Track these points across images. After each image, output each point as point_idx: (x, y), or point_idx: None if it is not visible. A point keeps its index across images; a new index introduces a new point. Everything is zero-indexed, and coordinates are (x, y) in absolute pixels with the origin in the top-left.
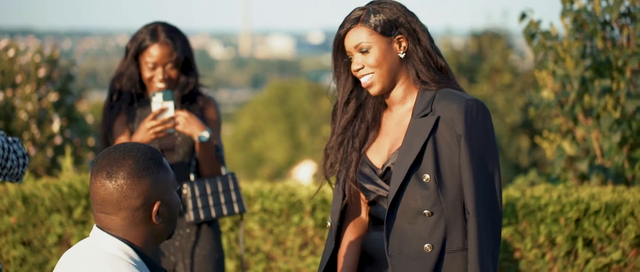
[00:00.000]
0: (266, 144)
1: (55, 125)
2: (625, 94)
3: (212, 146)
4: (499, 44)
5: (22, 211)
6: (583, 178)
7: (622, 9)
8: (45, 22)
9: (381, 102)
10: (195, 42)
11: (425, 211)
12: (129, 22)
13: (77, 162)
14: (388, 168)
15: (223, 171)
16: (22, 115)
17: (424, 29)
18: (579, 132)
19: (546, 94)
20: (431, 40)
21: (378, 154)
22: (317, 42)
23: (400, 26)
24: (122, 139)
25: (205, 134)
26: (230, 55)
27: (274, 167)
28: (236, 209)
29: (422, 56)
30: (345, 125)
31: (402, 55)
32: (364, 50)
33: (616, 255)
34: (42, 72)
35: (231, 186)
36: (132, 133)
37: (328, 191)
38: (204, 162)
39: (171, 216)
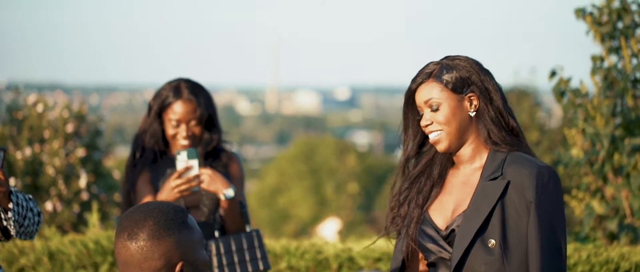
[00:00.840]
0: (291, 200)
1: (82, 181)
2: None
3: (237, 202)
4: (526, 101)
5: (48, 267)
6: (612, 237)
7: None
8: (73, 77)
9: (449, 159)
10: (221, 98)
11: None
12: (156, 78)
13: (104, 218)
14: (453, 230)
15: (247, 228)
16: (50, 171)
17: (498, 89)
18: (608, 191)
19: (575, 152)
20: (504, 100)
21: (441, 213)
22: (343, 98)
23: (472, 84)
24: (146, 197)
25: (230, 192)
26: (257, 111)
27: (299, 223)
28: (261, 266)
29: (493, 116)
30: (412, 181)
31: (472, 114)
32: (434, 107)
33: None
34: (70, 128)
35: (256, 243)
36: (156, 191)
37: (355, 248)
38: (229, 219)
39: None
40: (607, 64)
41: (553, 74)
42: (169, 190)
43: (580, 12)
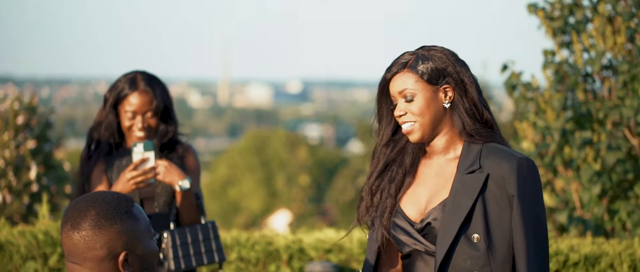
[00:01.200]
0: (242, 192)
1: (32, 173)
2: (605, 146)
3: (192, 194)
4: None
5: None
6: (562, 230)
7: (604, 61)
8: (24, 70)
9: (420, 148)
10: (173, 91)
11: None
12: (107, 71)
13: (54, 209)
14: (428, 224)
15: (202, 220)
16: None
17: (473, 80)
18: (559, 184)
19: (526, 145)
20: (479, 92)
21: (414, 205)
22: (295, 91)
23: (448, 75)
24: (100, 189)
25: (186, 183)
26: (208, 104)
27: (249, 215)
28: (216, 258)
29: (468, 108)
30: (383, 169)
31: (447, 106)
32: (408, 98)
33: None
34: (20, 120)
35: (211, 235)
36: (110, 183)
37: (306, 240)
38: (184, 210)
39: (144, 265)
40: (558, 58)
41: (505, 67)
42: (125, 182)
43: (533, 7)
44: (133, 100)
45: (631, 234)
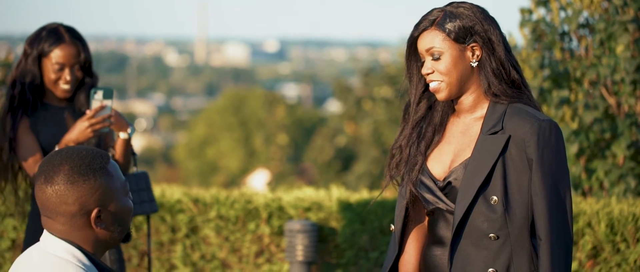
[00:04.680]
0: (220, 152)
1: None
2: (583, 105)
3: (130, 143)
4: None
5: None
6: None
7: (581, 20)
8: None
9: (449, 106)
10: (150, 49)
11: (491, 234)
12: (81, 28)
13: None
14: (449, 182)
15: (134, 170)
16: None
17: (501, 39)
18: None
19: None
20: (508, 51)
21: (439, 163)
22: (272, 50)
23: (475, 34)
24: (30, 144)
25: (132, 129)
26: (185, 63)
27: (228, 175)
28: (148, 209)
29: (495, 67)
30: (414, 126)
31: (474, 64)
32: (436, 56)
33: (573, 266)
34: None
35: (143, 186)
36: (37, 137)
37: (285, 198)
38: (123, 159)
39: (117, 222)
40: (535, 16)
41: None
42: (83, 129)
43: None
44: (61, 52)
45: (608, 193)
